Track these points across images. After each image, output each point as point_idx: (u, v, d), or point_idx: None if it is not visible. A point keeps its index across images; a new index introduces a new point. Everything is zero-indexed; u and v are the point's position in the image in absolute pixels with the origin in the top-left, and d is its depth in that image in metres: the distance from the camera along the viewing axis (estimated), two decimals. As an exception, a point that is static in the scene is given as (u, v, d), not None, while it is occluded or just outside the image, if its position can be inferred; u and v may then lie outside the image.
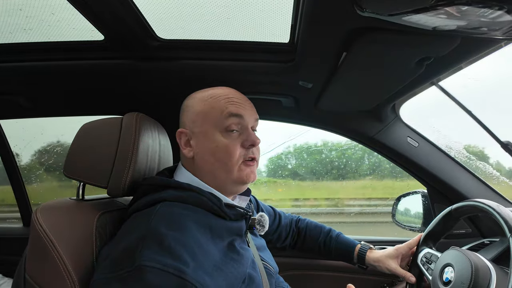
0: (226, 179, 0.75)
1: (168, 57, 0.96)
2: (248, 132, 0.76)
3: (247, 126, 0.77)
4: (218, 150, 0.74)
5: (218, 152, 0.74)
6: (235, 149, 0.74)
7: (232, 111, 0.75)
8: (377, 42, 0.67)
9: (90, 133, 0.79)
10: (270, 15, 0.79)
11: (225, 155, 0.73)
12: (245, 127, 0.76)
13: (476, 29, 0.56)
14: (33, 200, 1.59)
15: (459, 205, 0.90)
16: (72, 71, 1.01)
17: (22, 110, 1.23)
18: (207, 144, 0.75)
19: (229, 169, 0.74)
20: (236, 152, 0.74)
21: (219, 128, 0.74)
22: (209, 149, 0.74)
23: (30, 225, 0.67)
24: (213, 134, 0.74)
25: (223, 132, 0.74)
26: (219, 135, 0.74)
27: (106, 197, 0.84)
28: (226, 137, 0.74)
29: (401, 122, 1.18)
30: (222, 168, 0.74)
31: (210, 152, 0.74)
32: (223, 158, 0.74)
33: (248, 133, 0.76)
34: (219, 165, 0.74)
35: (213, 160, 0.74)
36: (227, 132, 0.74)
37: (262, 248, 0.89)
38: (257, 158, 0.78)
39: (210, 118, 0.75)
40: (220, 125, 0.74)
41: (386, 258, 1.02)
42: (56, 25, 0.85)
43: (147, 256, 0.58)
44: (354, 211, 3.37)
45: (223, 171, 0.74)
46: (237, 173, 0.75)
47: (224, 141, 0.74)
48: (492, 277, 0.73)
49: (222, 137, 0.74)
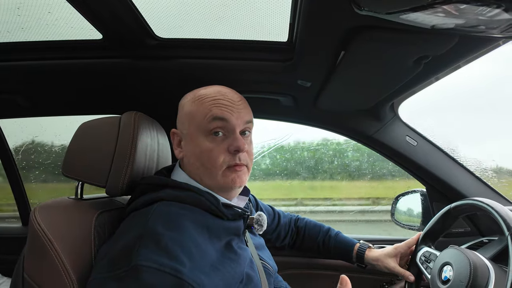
0: (212, 184, 0.74)
1: (166, 56, 0.96)
2: (234, 136, 0.72)
3: (234, 129, 0.72)
4: (202, 154, 0.72)
5: (202, 157, 0.72)
6: (218, 154, 0.71)
7: (215, 113, 0.71)
8: (375, 41, 0.67)
9: (88, 133, 0.79)
10: (268, 14, 0.78)
11: (208, 160, 0.71)
12: (231, 131, 0.72)
13: (474, 28, 0.56)
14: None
15: (458, 203, 0.91)
16: (70, 70, 1.01)
17: (20, 110, 1.23)
18: (192, 147, 0.74)
19: (213, 175, 0.72)
20: (220, 158, 0.71)
21: (203, 132, 0.72)
22: (194, 152, 0.73)
23: (29, 224, 0.67)
24: (197, 137, 0.73)
25: (208, 135, 0.72)
26: (203, 138, 0.72)
27: (104, 196, 0.84)
28: (211, 141, 0.72)
29: (399, 121, 1.18)
30: (206, 172, 0.72)
31: (195, 156, 0.73)
32: (206, 163, 0.71)
33: (233, 137, 0.72)
34: (203, 169, 0.72)
35: (198, 164, 0.73)
36: (212, 135, 0.72)
37: (261, 247, 0.88)
38: (246, 163, 0.74)
39: (195, 121, 0.73)
40: (204, 128, 0.72)
41: (385, 257, 1.02)
42: (54, 24, 0.85)
43: (144, 255, 0.58)
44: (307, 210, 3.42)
45: (207, 176, 0.73)
46: (222, 179, 0.72)
47: (208, 145, 0.71)
48: (491, 275, 0.73)
49: (206, 141, 0.72)
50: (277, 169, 3.19)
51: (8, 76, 1.04)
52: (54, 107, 1.27)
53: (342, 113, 1.19)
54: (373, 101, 1.05)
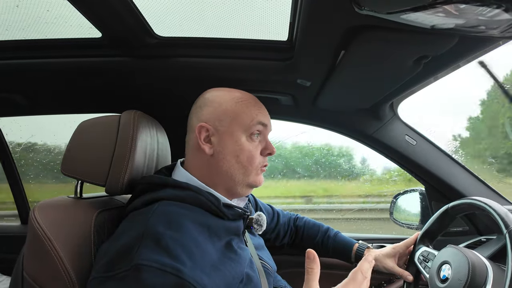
0: (242, 181, 0.78)
1: (166, 55, 0.95)
2: (267, 141, 0.81)
3: (267, 134, 0.82)
4: (242, 153, 0.76)
5: (242, 155, 0.76)
6: (256, 156, 0.78)
7: (261, 119, 0.78)
8: (375, 41, 0.66)
9: (87, 131, 0.78)
10: (268, 13, 0.78)
11: (248, 159, 0.77)
12: (265, 136, 0.81)
13: (474, 28, 0.56)
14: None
15: (456, 203, 0.91)
16: (69, 68, 1.00)
17: (19, 108, 1.22)
18: (232, 145, 0.76)
19: (248, 172, 0.77)
20: (257, 159, 0.78)
21: (246, 132, 0.77)
22: (233, 150, 0.76)
23: (28, 223, 0.67)
24: (239, 136, 0.76)
25: (248, 136, 0.77)
26: (244, 138, 0.77)
27: (104, 195, 0.84)
28: (250, 142, 0.78)
29: (399, 120, 1.18)
30: (241, 170, 0.77)
31: (233, 153, 0.76)
32: (244, 162, 0.76)
33: (267, 142, 0.81)
34: (239, 167, 0.76)
35: (234, 161, 0.76)
36: (252, 137, 0.78)
37: (260, 247, 0.89)
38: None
39: (240, 121, 0.77)
40: (248, 130, 0.77)
41: (384, 257, 1.02)
42: (53, 22, 0.85)
43: (145, 255, 0.57)
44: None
45: (241, 173, 0.77)
46: (253, 177, 0.79)
47: (248, 146, 0.77)
48: (489, 274, 0.73)
49: (247, 141, 0.77)
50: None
51: (7, 74, 1.04)
52: (53, 106, 1.27)
53: (342, 112, 1.19)
54: (373, 100, 1.05)
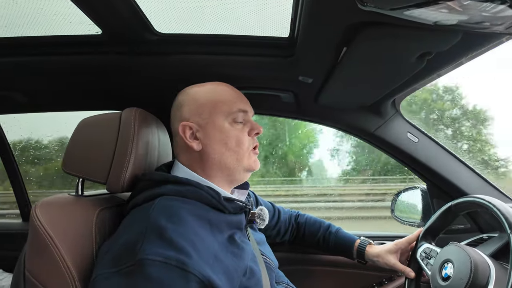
0: (237, 167, 0.78)
1: (166, 52, 0.95)
2: (252, 122, 0.81)
3: (250, 117, 0.82)
4: (229, 139, 0.77)
5: (230, 142, 0.77)
6: (244, 138, 0.78)
7: (240, 107, 0.79)
8: (378, 37, 0.66)
9: (88, 129, 0.78)
10: (269, 9, 0.77)
11: (236, 143, 0.77)
12: (248, 118, 0.81)
13: (478, 24, 0.55)
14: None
15: (459, 201, 0.90)
16: (68, 66, 1.00)
17: (19, 106, 1.22)
18: (217, 134, 0.76)
19: (240, 157, 0.78)
20: (245, 141, 0.78)
21: (228, 119, 0.77)
22: (220, 139, 0.76)
23: (29, 221, 0.67)
24: (222, 124, 0.77)
25: (231, 122, 0.78)
26: (228, 125, 0.77)
27: (105, 193, 0.84)
28: (235, 127, 0.78)
29: (401, 117, 1.18)
30: (233, 156, 0.77)
31: (221, 142, 0.76)
32: (234, 147, 0.77)
33: (252, 123, 0.81)
34: (230, 154, 0.77)
35: (224, 149, 0.76)
36: (235, 122, 0.78)
37: (261, 243, 0.89)
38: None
39: (219, 109, 0.77)
40: (229, 116, 0.77)
41: (386, 253, 1.02)
42: (52, 18, 0.84)
43: (149, 249, 0.58)
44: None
45: (234, 160, 0.77)
46: (247, 161, 0.79)
47: (233, 130, 0.78)
48: (491, 273, 0.73)
49: (231, 127, 0.78)
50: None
51: (6, 71, 1.03)
52: (53, 103, 1.26)
53: (343, 109, 1.19)
54: (375, 97, 1.04)
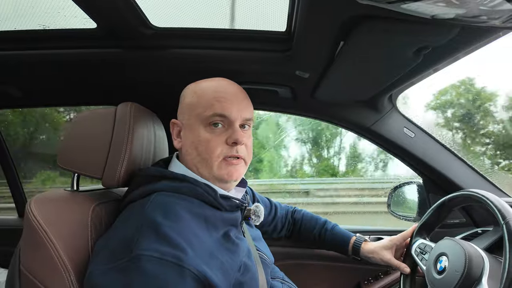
0: (208, 175, 0.74)
1: (162, 46, 0.94)
2: (233, 129, 0.73)
3: (233, 122, 0.73)
4: (200, 144, 0.73)
5: (200, 147, 0.73)
6: (216, 145, 0.72)
7: (216, 110, 0.72)
8: (375, 31, 0.66)
9: (84, 124, 0.78)
10: (266, 3, 0.77)
11: (205, 150, 0.72)
12: (231, 123, 0.74)
13: (475, 18, 0.55)
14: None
15: (453, 195, 0.91)
16: (63, 60, 0.99)
17: (13, 100, 1.21)
18: (191, 137, 0.74)
19: (209, 165, 0.73)
20: (217, 148, 0.72)
21: (203, 123, 0.73)
22: (192, 142, 0.74)
23: (24, 216, 0.67)
24: (197, 127, 0.74)
25: (207, 126, 0.73)
26: (202, 129, 0.73)
27: (101, 188, 0.83)
28: (210, 131, 0.73)
29: (397, 112, 1.18)
30: (203, 163, 0.73)
31: (193, 146, 0.74)
32: (203, 153, 0.73)
33: (232, 129, 0.73)
34: (199, 159, 0.73)
35: (195, 153, 0.74)
36: (211, 126, 0.73)
37: (257, 239, 0.89)
38: (243, 156, 0.75)
39: (196, 112, 0.74)
40: (204, 119, 0.73)
41: (381, 249, 1.03)
42: (47, 12, 0.83)
43: (145, 245, 0.58)
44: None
45: (204, 166, 0.74)
46: (217, 171, 0.73)
47: (206, 135, 0.73)
48: (485, 265, 0.74)
49: (205, 131, 0.73)
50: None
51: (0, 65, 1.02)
52: (48, 98, 1.25)
53: (340, 104, 1.19)
54: (372, 92, 1.04)
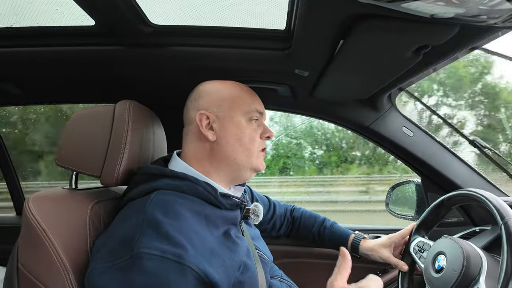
0: (245, 164, 0.80)
1: (161, 44, 0.93)
2: (265, 126, 0.84)
3: (263, 119, 0.85)
4: (244, 135, 0.79)
5: (244, 138, 0.79)
6: (256, 138, 0.81)
7: (257, 108, 0.82)
8: (375, 30, 0.65)
9: (82, 122, 0.77)
10: (265, 1, 0.76)
11: (249, 141, 0.79)
12: (262, 122, 0.85)
13: (475, 17, 0.55)
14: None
15: (452, 194, 0.91)
16: (61, 58, 0.98)
17: (11, 97, 1.20)
18: (234, 129, 0.78)
19: (250, 154, 0.80)
20: (257, 141, 0.81)
21: (245, 116, 0.80)
22: (235, 133, 0.78)
23: (22, 214, 0.66)
24: (240, 120, 0.79)
25: (248, 120, 0.80)
26: (244, 122, 0.80)
27: (100, 187, 0.83)
28: (250, 125, 0.80)
29: (396, 111, 1.18)
30: (244, 152, 0.79)
31: (235, 137, 0.78)
32: (247, 144, 0.79)
33: (265, 127, 0.84)
34: (242, 149, 0.79)
35: (237, 144, 0.78)
36: (251, 121, 0.81)
37: (256, 238, 0.89)
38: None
39: (238, 106, 0.79)
40: (246, 113, 0.80)
41: (379, 247, 1.03)
42: (44, 9, 0.82)
43: (145, 243, 0.58)
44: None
45: (244, 155, 0.79)
46: (255, 160, 0.81)
47: (249, 128, 0.80)
48: (483, 264, 0.74)
49: (247, 124, 0.80)
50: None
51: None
52: (46, 95, 1.24)
53: (340, 103, 1.19)
54: (371, 91, 1.04)
